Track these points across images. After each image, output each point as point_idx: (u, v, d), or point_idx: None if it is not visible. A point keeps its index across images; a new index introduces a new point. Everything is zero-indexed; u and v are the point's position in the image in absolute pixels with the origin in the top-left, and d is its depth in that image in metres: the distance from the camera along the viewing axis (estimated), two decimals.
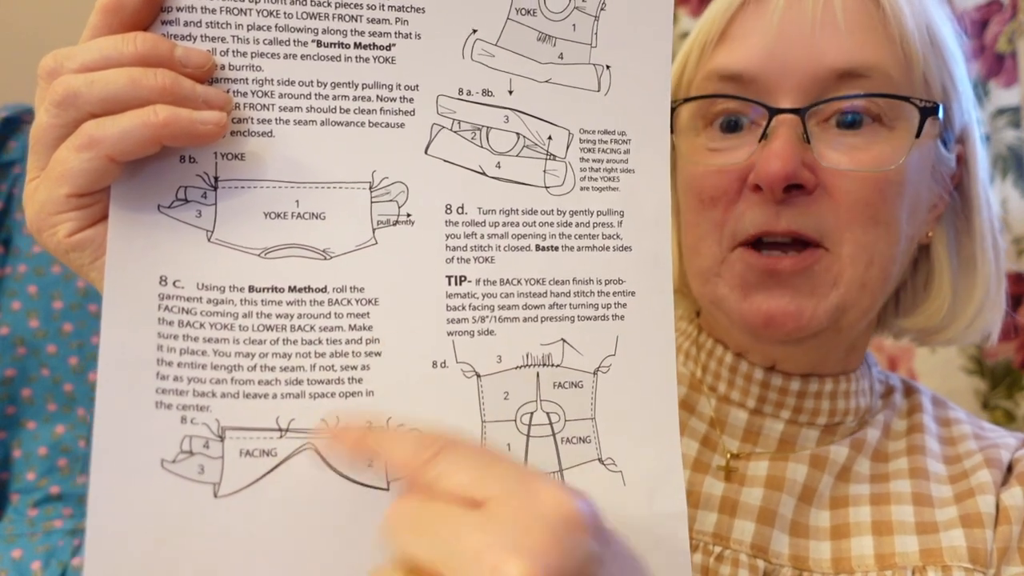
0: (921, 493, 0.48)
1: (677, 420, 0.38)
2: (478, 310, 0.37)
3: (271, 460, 0.35)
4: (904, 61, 0.45)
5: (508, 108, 0.38)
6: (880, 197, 0.44)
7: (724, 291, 0.48)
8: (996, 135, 1.10)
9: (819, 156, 0.45)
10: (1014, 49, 1.09)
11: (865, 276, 0.45)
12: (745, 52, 0.46)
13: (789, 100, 0.45)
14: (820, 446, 0.51)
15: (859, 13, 0.45)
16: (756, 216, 0.46)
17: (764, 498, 0.48)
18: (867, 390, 0.53)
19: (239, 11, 0.36)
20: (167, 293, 0.35)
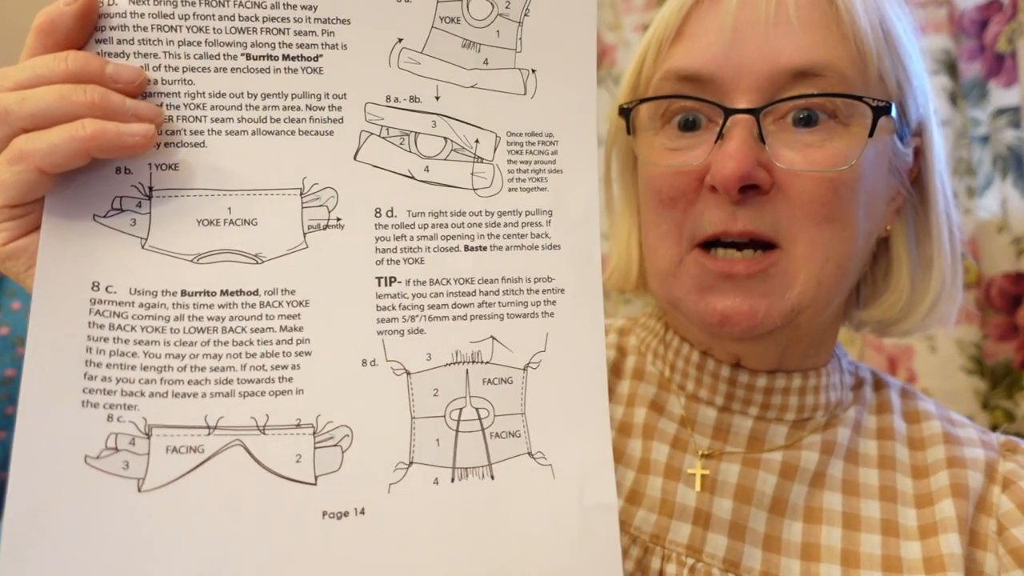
0: (890, 520, 0.48)
1: (607, 414, 0.39)
2: (408, 309, 0.38)
3: (198, 456, 0.36)
4: (858, 58, 0.45)
5: (435, 113, 0.40)
6: (835, 196, 0.44)
7: (680, 293, 0.49)
8: (996, 135, 1.10)
9: (774, 156, 0.45)
10: (1014, 49, 1.09)
11: (821, 274, 0.46)
12: (700, 52, 0.46)
13: (745, 99, 0.45)
14: (789, 443, 0.51)
15: (813, 11, 0.45)
16: (714, 216, 0.46)
17: (734, 512, 0.49)
18: (837, 384, 0.53)
19: (170, 28, 0.37)
20: (99, 298, 0.37)
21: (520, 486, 0.36)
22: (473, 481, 0.37)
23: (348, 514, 0.36)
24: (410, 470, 0.37)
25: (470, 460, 0.38)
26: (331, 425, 0.37)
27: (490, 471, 0.38)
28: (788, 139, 0.45)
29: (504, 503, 0.37)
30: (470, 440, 0.38)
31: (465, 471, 0.38)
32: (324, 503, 0.36)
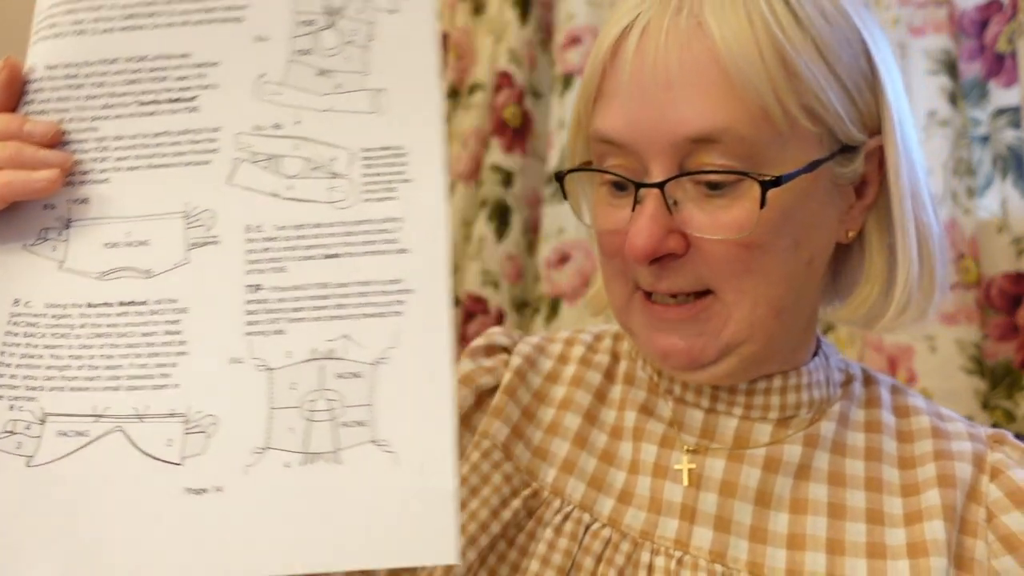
0: (875, 509, 0.49)
1: (453, 405, 0.42)
2: (272, 313, 0.44)
3: (83, 439, 0.43)
4: (758, 112, 0.45)
5: (296, 137, 0.46)
6: (747, 254, 0.46)
7: (633, 328, 0.53)
8: (996, 135, 1.10)
9: (684, 223, 0.47)
10: (1014, 49, 1.09)
11: (752, 316, 0.48)
12: (614, 116, 0.48)
13: (657, 164, 0.47)
14: (774, 440, 0.52)
15: (701, 75, 0.45)
16: (642, 277, 0.50)
17: (719, 506, 0.51)
18: (822, 382, 0.54)
19: (77, 85, 0.46)
20: (18, 312, 0.45)
21: (364, 471, 0.41)
22: (321, 465, 0.42)
23: (207, 491, 0.42)
24: (265, 454, 0.42)
25: (320, 447, 0.42)
26: (200, 414, 0.43)
27: (337, 457, 0.42)
28: (701, 201, 0.47)
29: (349, 486, 0.42)
30: (321, 428, 0.42)
31: (314, 456, 0.42)
32: (187, 481, 0.42)
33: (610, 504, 0.54)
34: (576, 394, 0.59)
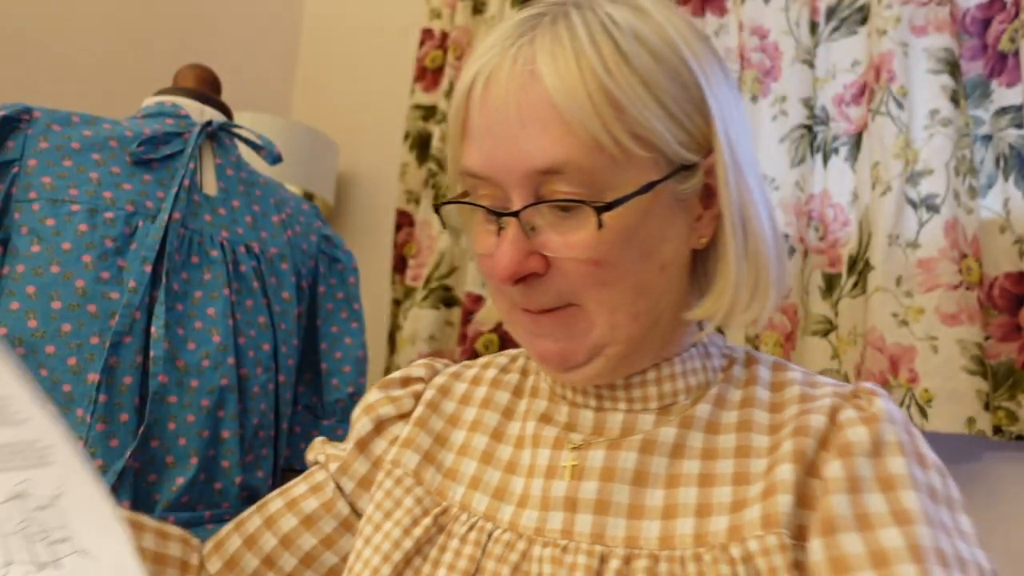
0: (742, 472, 0.54)
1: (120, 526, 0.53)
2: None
3: None
4: (592, 144, 0.50)
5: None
6: (597, 270, 0.52)
7: (518, 335, 0.59)
8: (998, 135, 1.10)
9: (541, 245, 0.53)
10: (1017, 48, 1.09)
11: (612, 321, 0.54)
12: (473, 155, 0.54)
13: (516, 194, 0.53)
14: (656, 427, 0.57)
15: (538, 117, 0.51)
16: (512, 295, 0.55)
17: (599, 491, 0.55)
18: (698, 368, 0.59)
19: None
20: None
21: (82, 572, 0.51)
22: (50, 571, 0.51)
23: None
24: (10, 569, 0.50)
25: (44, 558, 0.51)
26: None
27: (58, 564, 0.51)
28: (556, 223, 0.53)
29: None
30: (40, 546, 0.52)
31: (44, 564, 0.51)
32: None
33: (511, 510, 0.58)
34: (485, 415, 0.65)
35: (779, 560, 0.48)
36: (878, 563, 0.46)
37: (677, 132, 0.53)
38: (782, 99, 1.26)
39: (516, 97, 0.51)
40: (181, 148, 0.96)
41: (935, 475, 0.51)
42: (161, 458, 0.87)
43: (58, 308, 0.83)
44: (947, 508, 0.50)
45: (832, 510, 0.49)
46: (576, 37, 0.51)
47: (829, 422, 0.53)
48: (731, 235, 0.55)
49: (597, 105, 0.50)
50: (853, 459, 0.50)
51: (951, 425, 1.01)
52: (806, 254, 1.22)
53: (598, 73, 0.50)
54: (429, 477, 0.63)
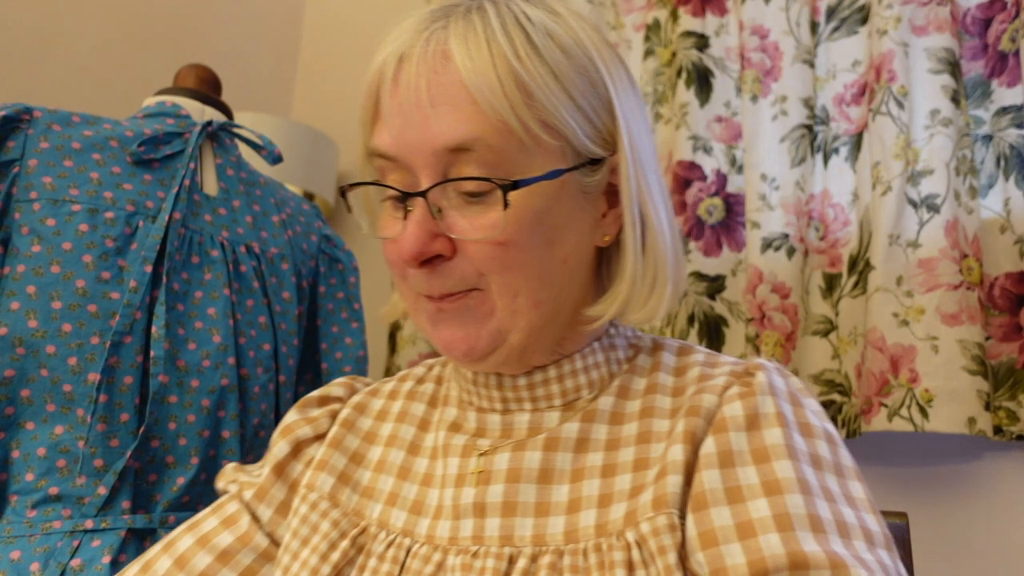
0: (642, 458, 0.55)
1: None
2: None
3: None
4: (502, 126, 0.51)
5: None
6: (503, 252, 0.53)
7: (422, 324, 0.58)
8: (999, 134, 1.10)
9: (448, 228, 0.53)
10: (1017, 48, 1.09)
11: (514, 306, 0.54)
12: (386, 133, 0.54)
13: (425, 175, 0.53)
14: (560, 424, 0.58)
15: (449, 97, 0.52)
16: (417, 281, 0.55)
17: (505, 493, 0.56)
18: (601, 362, 0.60)
19: None
20: None
21: None
22: None
23: None
24: None
25: None
26: None
27: None
28: (463, 208, 0.53)
29: None
30: None
31: None
32: None
33: (427, 523, 0.58)
34: (401, 429, 0.65)
35: (668, 540, 0.49)
36: (744, 534, 0.47)
37: (585, 125, 0.55)
38: (782, 99, 1.26)
39: (427, 78, 0.52)
40: (181, 148, 0.96)
41: (821, 443, 0.52)
42: (162, 458, 0.87)
43: (59, 308, 0.83)
44: (835, 475, 0.50)
45: (704, 485, 0.50)
46: (489, 25, 0.53)
47: (719, 400, 0.54)
48: (630, 230, 0.56)
49: (507, 88, 0.51)
50: (727, 434, 0.51)
51: (952, 425, 1.01)
52: (806, 254, 1.22)
53: (508, 59, 0.52)
54: (345, 498, 0.62)
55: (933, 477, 1.11)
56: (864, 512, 0.49)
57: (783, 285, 1.20)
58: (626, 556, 0.50)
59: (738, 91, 1.32)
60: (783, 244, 1.22)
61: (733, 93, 1.32)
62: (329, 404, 0.69)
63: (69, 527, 0.81)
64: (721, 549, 0.47)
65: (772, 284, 1.21)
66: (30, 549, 0.80)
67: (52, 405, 0.83)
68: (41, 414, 0.83)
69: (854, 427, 1.11)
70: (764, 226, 1.22)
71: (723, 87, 1.32)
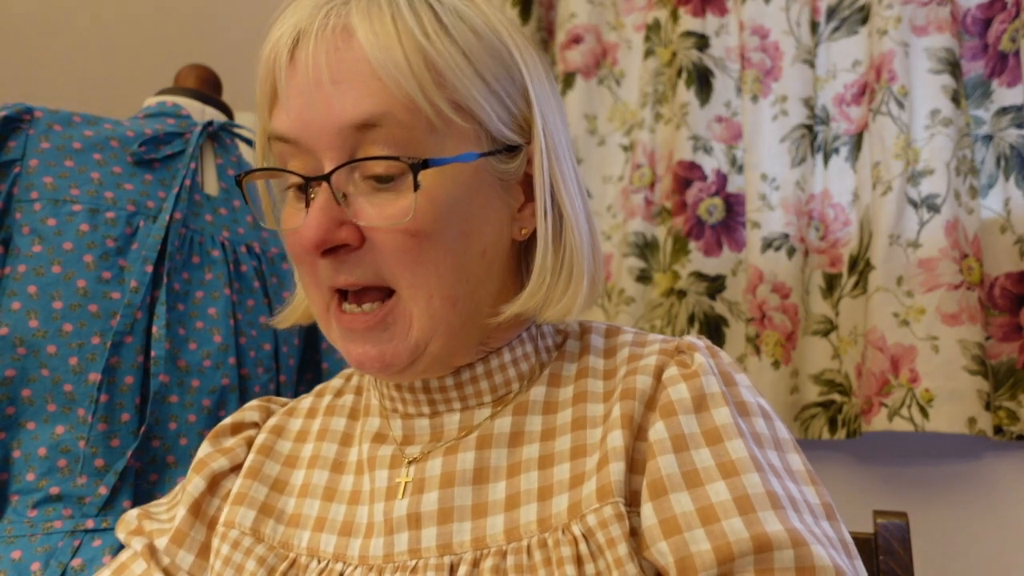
0: (579, 445, 0.52)
1: None
2: None
3: None
4: (410, 103, 0.48)
5: None
6: (415, 243, 0.49)
7: (333, 338, 0.54)
8: (999, 134, 1.10)
9: (354, 215, 0.49)
10: (1017, 48, 1.09)
11: (430, 309, 0.51)
12: (286, 115, 0.51)
13: (328, 158, 0.49)
14: (493, 419, 0.55)
15: (352, 74, 0.49)
16: (325, 273, 0.51)
17: (440, 499, 0.53)
18: (530, 352, 0.57)
19: None
20: None
21: None
22: None
23: None
24: None
25: None
26: None
27: None
28: (371, 195, 0.50)
29: None
30: None
31: None
32: None
33: (359, 543, 0.54)
34: (322, 448, 0.61)
35: (617, 530, 0.47)
36: (707, 519, 0.46)
37: (499, 110, 0.52)
38: (783, 99, 1.26)
39: (328, 57, 0.49)
40: (182, 148, 0.96)
41: (759, 420, 0.51)
42: (162, 458, 0.87)
43: (59, 308, 0.83)
44: (775, 450, 0.50)
45: (659, 472, 0.48)
46: (394, 2, 0.50)
47: (655, 382, 0.52)
48: (542, 222, 0.53)
49: (414, 66, 0.48)
50: (676, 418, 0.50)
51: (952, 425, 1.01)
52: (807, 254, 1.22)
53: (416, 36, 0.49)
54: (269, 531, 0.58)
55: (933, 477, 1.11)
56: (804, 485, 0.49)
57: (783, 285, 1.20)
58: (574, 551, 0.48)
59: (738, 91, 1.32)
60: (783, 244, 1.22)
61: (733, 93, 1.32)
62: (244, 431, 0.64)
63: (70, 527, 0.81)
64: (684, 536, 0.46)
65: (772, 284, 1.21)
66: (31, 549, 0.80)
67: (53, 405, 0.83)
68: (42, 414, 0.83)
69: (854, 427, 1.11)
70: (764, 226, 1.22)
71: (723, 87, 1.32)
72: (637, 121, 1.37)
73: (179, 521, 0.60)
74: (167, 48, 1.75)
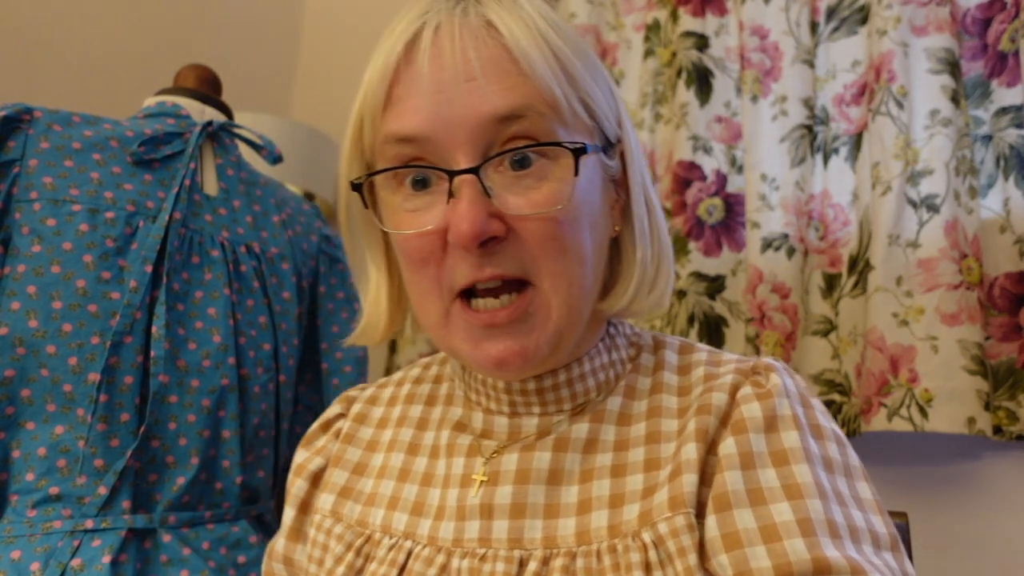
0: (652, 458, 0.54)
1: None
2: None
3: None
4: (549, 98, 0.50)
5: None
6: (561, 230, 0.50)
7: (456, 343, 0.54)
8: (998, 135, 1.10)
9: (502, 205, 0.50)
10: (1017, 48, 1.09)
11: (568, 299, 0.52)
12: (411, 115, 0.51)
13: (463, 152, 0.50)
14: (569, 425, 0.57)
15: (498, 66, 0.50)
16: (464, 269, 0.51)
17: (514, 495, 0.55)
18: (606, 364, 0.59)
19: None
20: None
21: None
22: None
23: None
24: None
25: None
26: None
27: None
28: (511, 184, 0.50)
29: None
30: None
31: None
32: None
33: (429, 524, 0.57)
34: (400, 433, 0.64)
35: (687, 540, 0.49)
36: (769, 537, 0.47)
37: (606, 108, 0.55)
38: (782, 99, 1.26)
39: (474, 48, 0.50)
40: (182, 148, 0.96)
41: (831, 445, 0.52)
42: (162, 458, 0.87)
43: (59, 308, 0.83)
44: (844, 477, 0.50)
45: (725, 487, 0.49)
46: (520, 6, 0.52)
47: (729, 399, 0.53)
48: (641, 217, 0.56)
49: (550, 64, 0.50)
50: (747, 435, 0.50)
51: (951, 425, 1.01)
52: (806, 254, 1.22)
53: (550, 34, 0.51)
54: (347, 511, 0.61)
55: (933, 477, 1.11)
56: (872, 514, 0.49)
57: (783, 285, 1.20)
58: (643, 557, 0.49)
59: (738, 91, 1.32)
60: (783, 244, 1.22)
61: (733, 93, 1.32)
62: (331, 427, 0.68)
63: (69, 527, 0.81)
64: (746, 552, 0.47)
65: (772, 284, 1.21)
66: (30, 549, 0.80)
67: (52, 405, 0.83)
68: (41, 414, 0.83)
69: (854, 427, 1.11)
70: (764, 226, 1.22)
71: (723, 87, 1.32)
72: (637, 121, 1.37)
73: (290, 520, 0.65)
74: (167, 48, 1.75)
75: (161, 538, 0.85)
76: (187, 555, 0.85)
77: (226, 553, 0.90)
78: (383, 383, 0.70)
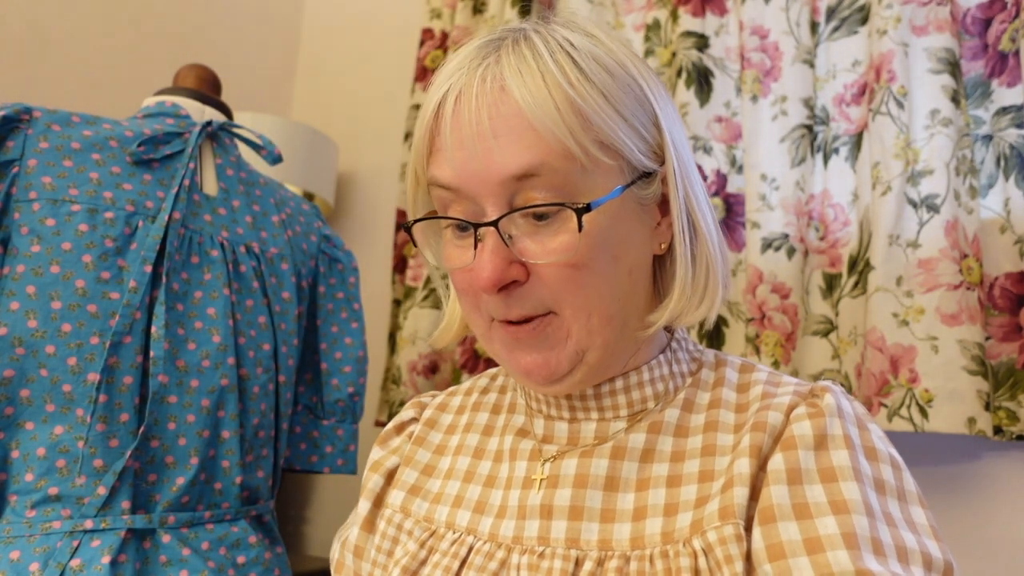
0: (707, 470, 0.56)
1: None
2: None
3: None
4: (564, 149, 0.53)
5: None
6: (576, 273, 0.55)
7: (496, 350, 0.60)
8: (999, 134, 1.10)
9: (520, 253, 0.55)
10: (1017, 48, 1.08)
11: (588, 325, 0.56)
12: (447, 165, 0.56)
13: (491, 204, 0.54)
14: (627, 434, 0.60)
15: (510, 128, 0.53)
16: (495, 307, 0.57)
17: (572, 497, 0.58)
18: (666, 375, 0.62)
19: None
20: None
21: None
22: None
23: None
24: None
25: None
26: None
27: None
28: (531, 232, 0.55)
29: None
30: None
31: None
32: None
33: (490, 522, 0.61)
34: (467, 438, 0.68)
35: (735, 549, 0.50)
36: (812, 549, 0.48)
37: (637, 142, 0.56)
38: (782, 99, 1.25)
39: (488, 111, 0.54)
40: (181, 148, 0.96)
41: (886, 468, 0.52)
42: (161, 458, 0.87)
43: (58, 308, 0.83)
44: (897, 500, 0.51)
45: (771, 500, 0.51)
46: (539, 55, 0.55)
47: (784, 419, 0.55)
48: (680, 239, 0.58)
49: (564, 115, 0.53)
50: (796, 452, 0.52)
51: (952, 425, 1.01)
52: (806, 254, 1.22)
53: (563, 86, 0.53)
54: (416, 507, 0.66)
55: (933, 477, 1.11)
56: (926, 538, 0.50)
57: (783, 285, 1.20)
58: (692, 563, 0.52)
59: (738, 91, 1.32)
60: (783, 244, 1.22)
61: (733, 93, 1.32)
62: (405, 429, 0.73)
63: (69, 527, 0.81)
64: (789, 562, 0.48)
65: (772, 284, 1.21)
66: (29, 549, 0.80)
67: (52, 405, 0.83)
68: (41, 414, 0.83)
69: None
70: (764, 226, 1.22)
71: (723, 87, 1.32)
72: None
73: (366, 512, 0.69)
74: (167, 48, 1.75)
75: (160, 538, 0.85)
76: (186, 555, 0.85)
77: (225, 553, 0.90)
78: (452, 391, 0.75)
